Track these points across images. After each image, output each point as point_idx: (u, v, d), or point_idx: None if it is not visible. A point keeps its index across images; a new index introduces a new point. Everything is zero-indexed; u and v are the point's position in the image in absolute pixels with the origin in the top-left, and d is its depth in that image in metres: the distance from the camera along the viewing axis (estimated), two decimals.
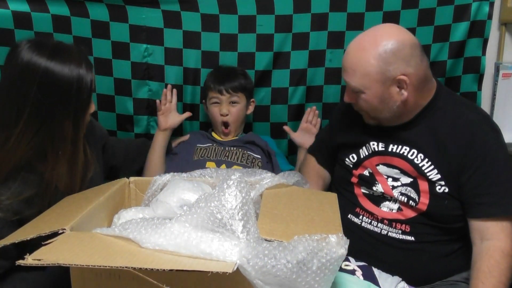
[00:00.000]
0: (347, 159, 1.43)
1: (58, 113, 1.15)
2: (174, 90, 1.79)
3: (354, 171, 1.42)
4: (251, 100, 1.80)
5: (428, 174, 1.29)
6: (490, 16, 1.80)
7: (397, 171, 1.34)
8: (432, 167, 1.29)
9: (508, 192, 1.25)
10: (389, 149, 1.35)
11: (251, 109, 1.81)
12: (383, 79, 1.24)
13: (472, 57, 1.85)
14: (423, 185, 1.30)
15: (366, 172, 1.39)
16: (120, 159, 1.59)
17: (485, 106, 1.93)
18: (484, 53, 1.85)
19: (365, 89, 1.26)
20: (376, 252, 1.33)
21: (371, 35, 1.27)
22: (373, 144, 1.37)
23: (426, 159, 1.30)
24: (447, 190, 1.28)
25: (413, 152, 1.32)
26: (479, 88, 1.89)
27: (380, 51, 1.22)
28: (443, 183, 1.28)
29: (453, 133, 1.28)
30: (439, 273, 1.35)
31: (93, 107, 1.25)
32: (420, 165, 1.30)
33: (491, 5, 1.80)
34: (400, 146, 1.34)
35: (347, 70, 1.28)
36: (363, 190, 1.39)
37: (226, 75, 1.73)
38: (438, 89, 1.34)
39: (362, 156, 1.40)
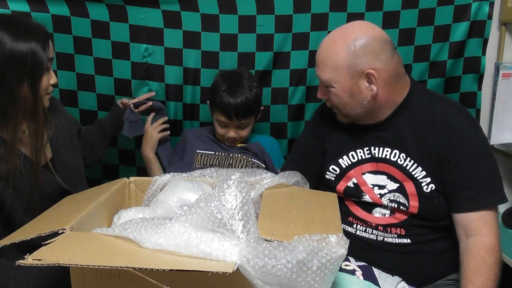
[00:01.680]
0: (328, 172, 1.41)
1: (15, 77, 1.21)
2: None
3: (337, 186, 1.39)
4: (260, 109, 1.73)
5: (413, 173, 1.29)
6: (490, 16, 1.80)
7: (383, 177, 1.33)
8: (415, 165, 1.29)
9: (488, 185, 1.26)
10: (373, 154, 1.34)
11: (259, 116, 1.75)
12: (351, 73, 1.25)
13: (472, 57, 1.85)
14: (410, 188, 1.30)
15: (350, 184, 1.37)
16: (87, 150, 1.63)
17: (485, 106, 1.93)
18: (484, 53, 1.85)
19: (335, 83, 1.27)
20: (375, 259, 1.32)
21: (343, 29, 1.29)
22: (360, 152, 1.36)
23: (409, 158, 1.30)
24: (434, 187, 1.28)
25: (395, 153, 1.31)
26: (479, 88, 1.89)
27: (349, 44, 1.23)
28: (429, 180, 1.28)
29: (432, 129, 1.28)
30: (439, 271, 1.34)
31: (53, 78, 1.30)
32: (404, 165, 1.30)
33: (491, 5, 1.80)
34: (381, 148, 1.33)
35: (318, 64, 1.30)
36: (353, 199, 1.39)
37: (236, 97, 1.60)
38: (412, 86, 1.33)
39: (344, 166, 1.38)
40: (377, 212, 1.34)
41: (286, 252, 0.80)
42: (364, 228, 1.35)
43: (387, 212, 1.33)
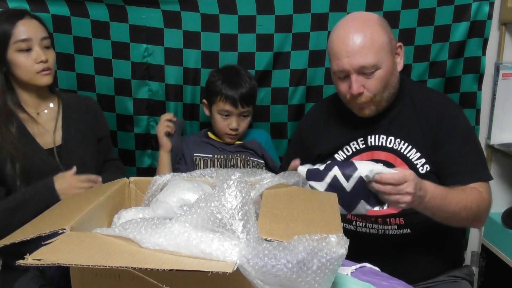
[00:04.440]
0: None
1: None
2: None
3: None
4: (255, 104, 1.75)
5: (408, 155, 1.33)
6: (490, 16, 1.81)
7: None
8: (410, 147, 1.33)
9: (477, 160, 1.33)
10: (369, 144, 1.37)
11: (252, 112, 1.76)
12: (390, 49, 1.29)
13: (472, 57, 1.85)
14: None
15: None
16: None
17: (485, 106, 1.94)
18: (484, 53, 1.85)
19: (381, 63, 1.27)
20: (376, 254, 1.31)
21: (358, 17, 1.32)
22: (354, 144, 1.38)
23: (403, 141, 1.34)
24: (428, 168, 1.32)
25: (391, 140, 1.35)
26: (479, 88, 1.89)
27: (379, 24, 1.28)
28: (423, 160, 1.32)
29: (422, 112, 1.34)
30: (440, 266, 1.35)
31: (39, 57, 1.40)
32: (399, 149, 1.34)
33: (491, 5, 1.80)
34: (377, 136, 1.36)
35: (359, 51, 1.25)
36: None
37: (239, 85, 1.64)
38: (401, 75, 1.38)
39: (340, 160, 1.40)
40: None
41: (286, 252, 0.80)
42: (363, 224, 1.36)
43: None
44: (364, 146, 1.37)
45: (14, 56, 1.39)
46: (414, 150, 1.32)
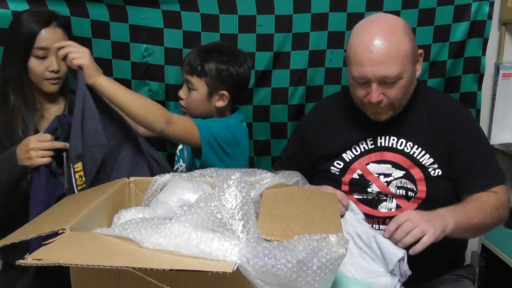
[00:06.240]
0: (332, 167, 1.41)
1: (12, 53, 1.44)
2: None
3: (343, 179, 1.39)
4: (221, 92, 1.55)
5: (421, 160, 1.31)
6: (490, 16, 1.81)
7: (388, 166, 1.34)
8: (423, 152, 1.32)
9: (493, 163, 1.33)
10: (378, 144, 1.35)
11: (221, 103, 1.56)
12: (413, 57, 1.26)
13: (472, 57, 1.85)
14: (418, 174, 1.32)
15: (355, 175, 1.38)
16: None
17: (485, 106, 1.94)
18: (484, 53, 1.85)
19: (404, 73, 1.24)
20: None
21: (382, 22, 1.26)
22: (362, 144, 1.37)
23: (416, 146, 1.32)
24: (440, 172, 1.31)
25: (402, 142, 1.33)
26: (479, 88, 1.89)
27: (405, 30, 1.25)
28: (436, 166, 1.31)
29: (434, 116, 1.33)
30: (441, 264, 1.34)
31: (52, 66, 1.43)
32: (411, 152, 1.32)
33: (491, 5, 1.80)
34: (387, 137, 1.35)
35: (384, 61, 1.21)
36: (356, 196, 1.38)
37: (199, 49, 1.57)
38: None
39: (348, 160, 1.39)
40: (383, 208, 1.35)
41: (286, 252, 0.80)
42: (370, 225, 1.35)
43: (393, 206, 1.34)
44: (373, 146, 1.36)
45: (29, 60, 1.43)
46: (427, 155, 1.31)
